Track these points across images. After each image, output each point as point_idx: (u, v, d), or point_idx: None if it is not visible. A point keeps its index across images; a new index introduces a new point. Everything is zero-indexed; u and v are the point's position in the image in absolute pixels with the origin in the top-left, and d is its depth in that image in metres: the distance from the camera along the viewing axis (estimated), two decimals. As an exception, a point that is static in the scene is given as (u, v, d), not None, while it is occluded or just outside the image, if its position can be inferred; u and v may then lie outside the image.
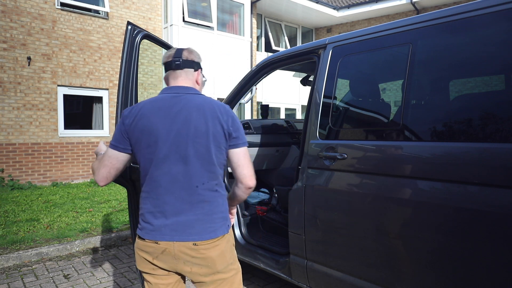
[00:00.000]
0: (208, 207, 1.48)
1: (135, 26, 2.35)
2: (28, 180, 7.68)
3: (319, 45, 2.53)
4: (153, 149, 1.44)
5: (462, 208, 1.66)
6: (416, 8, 11.29)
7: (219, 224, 1.50)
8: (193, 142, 1.44)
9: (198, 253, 1.46)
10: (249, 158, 1.56)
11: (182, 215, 1.45)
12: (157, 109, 1.47)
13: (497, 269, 1.58)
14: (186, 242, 1.44)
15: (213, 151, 1.47)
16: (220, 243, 1.50)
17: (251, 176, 1.55)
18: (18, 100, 7.55)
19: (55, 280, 3.32)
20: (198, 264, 1.47)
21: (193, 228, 1.45)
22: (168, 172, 1.44)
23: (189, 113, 1.46)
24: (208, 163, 1.47)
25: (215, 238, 1.48)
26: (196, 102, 1.50)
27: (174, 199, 1.45)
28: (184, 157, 1.44)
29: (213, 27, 10.04)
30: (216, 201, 1.51)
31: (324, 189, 2.28)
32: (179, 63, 1.55)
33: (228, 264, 1.54)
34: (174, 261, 1.47)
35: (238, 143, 1.52)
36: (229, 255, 1.55)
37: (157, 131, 1.44)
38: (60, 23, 8.05)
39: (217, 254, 1.49)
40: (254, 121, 3.86)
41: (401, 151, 1.93)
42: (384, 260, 1.97)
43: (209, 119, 1.46)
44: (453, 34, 1.86)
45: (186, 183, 1.45)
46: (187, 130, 1.44)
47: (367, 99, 2.46)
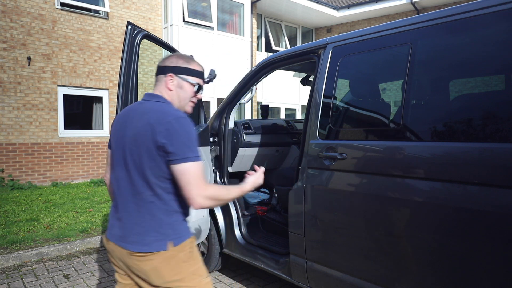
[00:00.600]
0: (140, 218, 1.43)
1: (135, 26, 2.35)
2: (28, 180, 7.68)
3: (319, 45, 2.53)
4: (113, 153, 1.53)
5: (462, 208, 1.66)
6: (416, 8, 11.29)
7: (152, 239, 1.42)
8: (130, 151, 1.44)
9: (133, 262, 1.45)
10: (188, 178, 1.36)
11: (123, 221, 1.47)
12: (123, 115, 1.55)
13: (497, 269, 1.58)
14: (123, 249, 1.45)
15: (146, 162, 1.40)
16: (154, 258, 1.42)
17: (190, 199, 1.37)
18: (18, 100, 7.55)
19: (55, 280, 3.32)
20: (137, 272, 1.47)
21: (129, 236, 1.44)
22: (116, 177, 1.51)
23: (135, 121, 1.46)
24: (142, 173, 1.42)
25: (147, 252, 1.41)
26: (146, 109, 1.47)
27: (120, 204, 1.49)
28: (125, 165, 1.46)
29: (213, 27, 10.04)
30: (151, 213, 1.43)
31: (324, 189, 2.28)
32: (156, 71, 1.58)
33: (169, 281, 1.45)
34: (122, 263, 1.51)
35: (174, 159, 1.36)
36: (168, 273, 1.44)
37: (116, 137, 1.52)
38: (60, 23, 8.04)
39: (149, 269, 1.43)
40: (254, 121, 3.86)
41: (401, 151, 1.93)
42: (384, 260, 1.98)
43: (144, 128, 1.41)
44: (453, 34, 1.86)
45: (126, 191, 1.46)
46: (129, 138, 1.45)
47: (367, 99, 2.46)
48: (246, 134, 3.59)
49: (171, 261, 1.44)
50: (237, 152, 3.51)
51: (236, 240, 3.06)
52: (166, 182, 1.43)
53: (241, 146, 3.52)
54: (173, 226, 1.46)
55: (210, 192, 1.40)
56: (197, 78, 1.59)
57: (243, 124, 3.65)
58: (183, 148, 1.37)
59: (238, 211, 3.14)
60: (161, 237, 1.43)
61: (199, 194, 1.36)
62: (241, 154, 3.55)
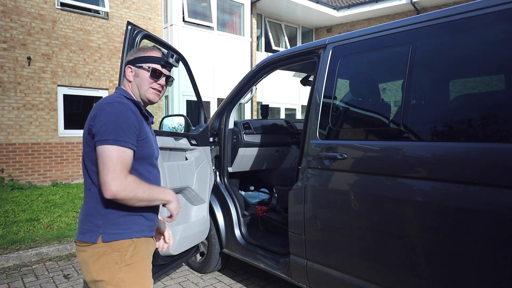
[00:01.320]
0: (84, 205, 1.43)
1: (135, 26, 2.35)
2: (28, 180, 7.68)
3: (319, 45, 2.53)
4: None
5: (462, 208, 1.66)
6: (416, 8, 11.29)
7: (86, 228, 1.37)
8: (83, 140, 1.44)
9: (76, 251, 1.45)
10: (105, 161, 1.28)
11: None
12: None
13: (497, 269, 1.58)
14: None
15: (85, 148, 1.40)
16: (85, 250, 1.37)
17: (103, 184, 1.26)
18: (18, 100, 7.55)
19: (55, 280, 3.32)
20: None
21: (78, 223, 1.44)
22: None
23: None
24: (83, 160, 1.42)
25: (81, 241, 1.38)
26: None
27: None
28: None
29: (213, 27, 10.04)
30: (88, 201, 1.41)
31: (324, 189, 2.28)
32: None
33: (93, 280, 1.37)
34: None
35: (95, 141, 1.31)
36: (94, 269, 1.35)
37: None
38: (60, 23, 8.04)
39: (81, 261, 1.40)
40: (254, 121, 3.86)
41: (401, 151, 1.93)
42: (384, 260, 1.97)
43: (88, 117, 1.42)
44: (453, 34, 1.86)
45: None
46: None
47: (367, 99, 2.46)
48: (246, 134, 3.59)
49: (100, 257, 1.35)
50: (237, 152, 3.51)
51: (236, 240, 3.06)
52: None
53: (241, 146, 3.52)
54: (106, 219, 1.36)
55: (129, 181, 1.29)
56: (153, 64, 1.53)
57: (243, 124, 3.65)
58: (106, 130, 1.30)
59: (238, 211, 3.14)
60: (93, 228, 1.36)
61: (114, 180, 1.25)
62: (241, 154, 3.55)
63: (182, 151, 2.92)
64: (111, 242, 1.35)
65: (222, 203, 3.25)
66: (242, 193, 3.79)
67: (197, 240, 3.02)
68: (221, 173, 3.36)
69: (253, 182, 4.26)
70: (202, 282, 3.27)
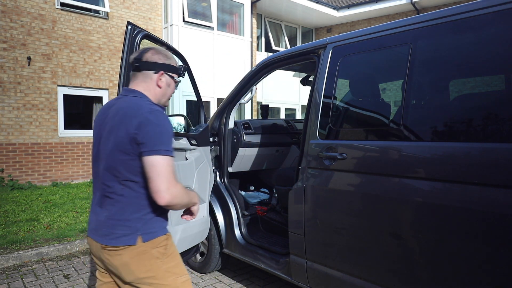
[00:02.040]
0: (111, 211, 1.43)
1: (135, 26, 2.35)
2: (28, 180, 7.68)
3: (319, 45, 2.53)
4: (93, 147, 1.56)
5: (462, 208, 1.66)
6: (416, 8, 11.29)
7: (121, 232, 1.41)
8: (104, 145, 1.46)
9: (104, 256, 1.46)
10: (158, 170, 1.33)
11: (98, 214, 1.49)
12: (101, 110, 1.57)
13: (497, 269, 1.58)
14: (97, 243, 1.46)
15: (118, 155, 1.40)
16: (123, 253, 1.41)
17: (157, 192, 1.33)
18: (18, 100, 7.55)
19: (55, 280, 3.32)
20: (110, 268, 1.48)
21: (100, 229, 1.45)
22: (96, 171, 1.52)
23: (114, 115, 1.46)
24: (113, 167, 1.42)
25: (116, 246, 1.41)
26: (123, 104, 1.47)
27: (96, 198, 1.51)
28: (101, 159, 1.48)
29: (213, 27, 10.04)
30: (121, 207, 1.42)
31: (324, 189, 2.28)
32: (138, 65, 1.52)
33: (139, 278, 1.44)
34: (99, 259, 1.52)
35: (144, 151, 1.35)
36: (139, 269, 1.43)
37: (94, 132, 1.55)
38: (60, 23, 8.04)
39: (119, 264, 1.43)
40: (254, 121, 3.86)
41: (401, 151, 1.93)
42: (384, 260, 1.97)
43: (118, 122, 1.41)
44: (453, 34, 1.86)
45: (99, 183, 1.48)
46: (108, 132, 1.45)
47: (367, 99, 2.46)
48: (246, 134, 3.59)
49: (142, 257, 1.42)
50: (237, 152, 3.51)
51: (236, 240, 3.06)
52: (138, 176, 1.41)
53: (241, 146, 3.52)
54: (144, 221, 1.43)
55: (178, 189, 1.38)
56: (179, 76, 1.63)
57: (243, 124, 3.65)
58: (155, 141, 1.35)
59: (238, 211, 3.14)
60: (129, 231, 1.41)
61: (170, 188, 1.33)
62: (241, 154, 3.55)
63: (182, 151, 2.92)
64: (150, 241, 1.44)
65: (222, 203, 3.25)
66: (242, 193, 3.79)
67: (197, 240, 3.02)
68: (221, 173, 3.36)
69: (253, 182, 4.26)
70: (202, 282, 3.27)
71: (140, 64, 1.51)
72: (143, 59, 1.51)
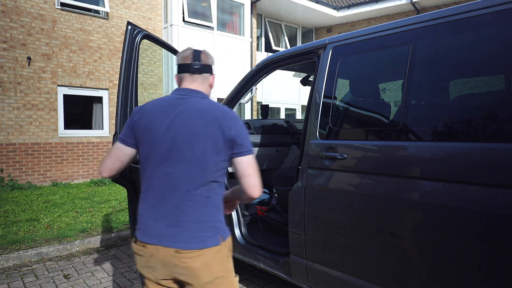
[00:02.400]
0: (197, 214, 1.41)
1: (135, 26, 2.35)
2: (28, 180, 7.68)
3: (319, 45, 2.53)
4: (152, 148, 1.43)
5: (462, 208, 1.66)
6: (416, 8, 11.29)
7: (208, 234, 1.42)
8: (190, 145, 1.40)
9: (180, 261, 1.39)
10: (254, 168, 1.46)
11: (171, 219, 1.41)
12: (160, 109, 1.47)
13: (497, 269, 1.58)
14: (169, 248, 1.39)
15: (210, 156, 1.41)
16: (205, 253, 1.41)
17: (255, 187, 1.45)
18: (18, 100, 7.55)
19: (55, 280, 3.32)
20: (183, 273, 1.41)
21: (180, 235, 1.39)
22: (163, 173, 1.42)
23: (190, 116, 1.43)
24: (202, 168, 1.41)
25: (203, 248, 1.40)
26: (201, 105, 1.46)
27: (166, 202, 1.41)
28: (180, 160, 1.41)
29: (213, 27, 10.04)
30: (206, 208, 1.43)
31: (324, 189, 2.28)
32: (199, 67, 1.53)
33: (216, 278, 1.44)
34: (161, 266, 1.42)
35: (241, 151, 1.44)
36: (218, 268, 1.45)
37: (157, 131, 1.43)
38: (60, 23, 8.04)
39: (200, 265, 1.40)
40: (254, 121, 3.86)
41: (401, 151, 1.93)
42: (384, 260, 1.97)
43: (209, 123, 1.42)
44: (453, 34, 1.86)
45: (178, 186, 1.41)
46: (186, 133, 1.41)
47: (367, 99, 2.46)
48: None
49: (218, 256, 1.46)
50: None
51: (236, 240, 3.06)
52: (222, 177, 1.48)
53: None
54: (222, 221, 1.50)
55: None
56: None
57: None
58: (248, 142, 1.48)
59: (238, 211, 3.14)
60: (215, 232, 1.45)
61: (260, 183, 1.48)
62: None
63: None
64: (225, 240, 1.49)
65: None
66: (242, 193, 3.78)
67: None
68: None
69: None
70: (202, 282, 3.27)
71: (201, 67, 1.54)
72: (203, 62, 1.55)
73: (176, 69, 1.59)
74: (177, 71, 1.58)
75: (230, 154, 1.45)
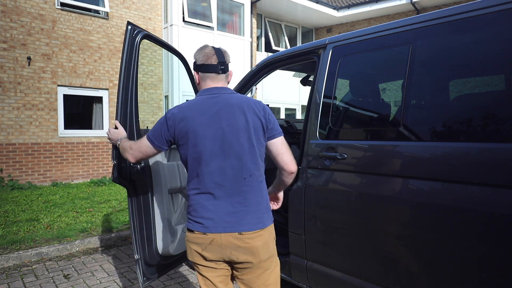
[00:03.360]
0: (255, 198, 1.57)
1: (135, 26, 2.34)
2: (28, 180, 7.68)
3: (319, 45, 2.53)
4: (200, 148, 1.55)
5: (462, 208, 1.66)
6: (416, 8, 11.29)
7: (266, 215, 1.59)
8: (238, 137, 1.54)
9: (243, 242, 1.53)
10: (286, 146, 1.63)
11: (231, 207, 1.54)
12: (197, 111, 1.57)
13: (497, 269, 1.58)
14: (232, 233, 1.53)
15: (256, 144, 1.57)
16: (264, 233, 1.57)
17: (291, 161, 1.63)
18: (18, 100, 7.55)
19: (55, 280, 3.32)
20: (243, 253, 1.54)
21: (242, 219, 1.53)
22: (217, 167, 1.55)
23: (230, 111, 1.56)
24: (253, 156, 1.56)
25: (262, 229, 1.56)
26: (234, 100, 1.60)
27: (225, 192, 1.55)
28: (232, 152, 1.54)
29: (213, 27, 10.04)
30: (261, 192, 1.60)
31: (324, 189, 2.28)
32: (225, 68, 1.68)
33: (271, 256, 1.61)
34: (221, 250, 1.55)
35: (274, 134, 1.61)
36: (272, 246, 1.63)
37: (202, 131, 1.54)
38: (60, 23, 8.05)
39: (261, 244, 1.55)
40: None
41: (401, 151, 1.93)
42: (384, 260, 1.97)
43: (248, 115, 1.56)
44: (453, 34, 1.86)
45: (234, 176, 1.55)
46: (231, 128, 1.54)
47: (367, 99, 2.46)
48: None
49: (271, 236, 1.63)
50: None
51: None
52: (263, 161, 1.63)
53: None
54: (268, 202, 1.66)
55: None
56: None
57: None
58: (278, 125, 1.65)
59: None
60: (268, 213, 1.62)
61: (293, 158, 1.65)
62: None
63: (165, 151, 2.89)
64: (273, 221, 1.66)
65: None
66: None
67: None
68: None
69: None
70: (202, 282, 3.27)
71: (226, 67, 1.69)
72: (227, 62, 1.70)
73: (195, 67, 1.69)
74: (199, 70, 1.68)
75: (266, 139, 1.61)
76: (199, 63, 1.67)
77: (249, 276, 1.60)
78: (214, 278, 1.62)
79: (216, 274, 1.62)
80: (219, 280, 1.63)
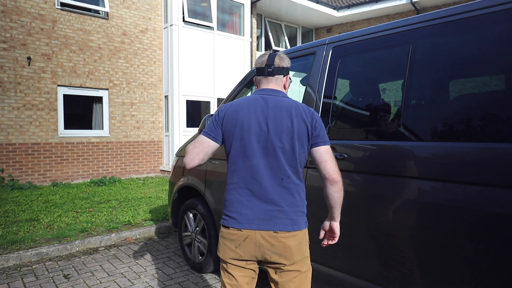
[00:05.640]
0: (291, 199, 1.59)
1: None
2: (28, 180, 7.68)
3: (319, 45, 2.52)
4: (244, 142, 1.60)
5: (462, 208, 1.66)
6: (416, 8, 11.29)
7: (300, 218, 1.61)
8: (281, 139, 1.58)
9: (278, 241, 1.55)
10: (331, 155, 1.62)
11: (267, 205, 1.57)
12: (249, 107, 1.63)
13: (497, 269, 1.58)
14: (267, 231, 1.55)
15: (297, 148, 1.59)
16: (298, 234, 1.59)
17: (334, 170, 1.60)
18: (18, 100, 7.55)
19: (55, 280, 3.32)
20: (276, 252, 1.56)
21: (277, 218, 1.56)
22: (256, 164, 1.59)
23: (278, 113, 1.60)
24: (292, 159, 1.59)
25: (297, 230, 1.58)
26: (284, 103, 1.64)
27: (262, 190, 1.58)
28: (272, 152, 1.58)
29: (213, 27, 10.04)
30: (298, 195, 1.61)
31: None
32: (272, 71, 1.71)
33: (304, 257, 1.62)
34: (255, 248, 1.57)
35: (319, 142, 1.62)
36: (305, 248, 1.64)
37: (249, 126, 1.60)
38: (60, 23, 8.04)
39: (295, 244, 1.57)
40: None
41: (401, 151, 1.93)
42: (384, 260, 1.97)
43: (295, 119, 1.59)
44: (453, 34, 1.86)
45: (273, 175, 1.58)
46: (276, 128, 1.58)
47: (367, 99, 2.46)
48: None
49: (305, 238, 1.64)
50: None
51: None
52: (302, 167, 1.64)
53: None
54: (305, 206, 1.67)
55: None
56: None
57: None
58: (325, 133, 1.65)
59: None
60: (303, 216, 1.64)
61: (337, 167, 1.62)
62: None
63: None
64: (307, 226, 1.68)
65: (222, 203, 3.24)
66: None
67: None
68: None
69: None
70: (202, 282, 3.27)
71: (274, 69, 1.71)
72: (276, 65, 1.71)
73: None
74: (256, 73, 1.77)
75: (310, 145, 1.62)
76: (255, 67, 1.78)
77: (282, 279, 1.61)
78: (241, 278, 1.63)
79: (243, 274, 1.63)
80: (246, 281, 1.64)
